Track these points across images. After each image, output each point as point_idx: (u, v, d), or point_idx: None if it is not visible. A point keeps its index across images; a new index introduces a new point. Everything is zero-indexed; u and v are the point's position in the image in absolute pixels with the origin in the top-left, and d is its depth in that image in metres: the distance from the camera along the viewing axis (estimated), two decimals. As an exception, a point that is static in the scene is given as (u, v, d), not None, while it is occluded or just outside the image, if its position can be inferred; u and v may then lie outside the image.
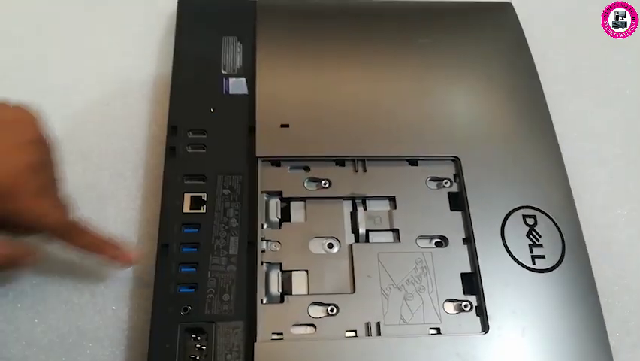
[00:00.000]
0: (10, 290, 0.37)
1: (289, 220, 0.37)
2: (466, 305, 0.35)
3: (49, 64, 0.47)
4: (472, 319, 0.35)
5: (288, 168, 0.39)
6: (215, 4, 0.47)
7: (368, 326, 0.34)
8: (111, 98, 0.45)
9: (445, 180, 0.39)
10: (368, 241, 0.37)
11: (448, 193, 0.39)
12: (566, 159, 0.41)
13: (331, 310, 0.34)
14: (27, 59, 0.47)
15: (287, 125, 0.39)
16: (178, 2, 0.46)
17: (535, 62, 0.45)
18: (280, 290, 0.35)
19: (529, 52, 0.45)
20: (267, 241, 0.36)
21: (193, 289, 0.34)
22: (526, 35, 0.46)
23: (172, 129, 0.40)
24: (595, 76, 0.51)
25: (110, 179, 0.42)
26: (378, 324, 0.34)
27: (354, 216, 0.38)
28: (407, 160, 0.39)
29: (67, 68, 0.47)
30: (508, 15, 0.48)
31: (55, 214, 0.32)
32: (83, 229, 0.34)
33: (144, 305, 0.37)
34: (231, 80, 0.42)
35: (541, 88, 0.44)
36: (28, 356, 0.36)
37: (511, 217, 0.38)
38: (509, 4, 0.49)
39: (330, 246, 0.37)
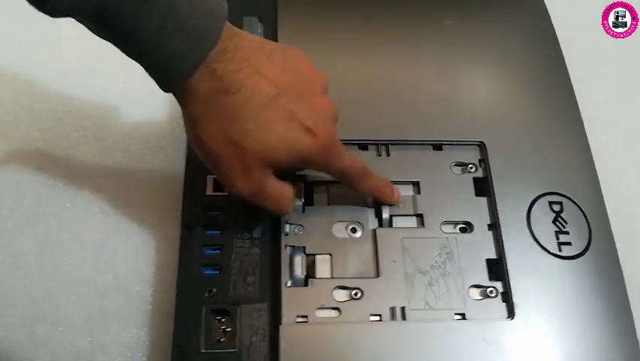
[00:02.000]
0: (35, 271, 0.38)
1: (312, 205, 0.37)
2: (491, 291, 0.35)
3: (69, 45, 0.46)
4: (498, 305, 0.34)
5: (312, 151, 0.38)
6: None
7: (393, 310, 0.34)
8: (130, 78, 0.45)
9: (470, 165, 0.39)
10: (392, 226, 0.37)
11: (473, 178, 0.38)
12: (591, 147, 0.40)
13: (355, 294, 0.34)
14: (49, 41, 0.46)
15: (310, 108, 0.39)
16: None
17: (562, 45, 0.44)
18: (304, 273, 0.35)
19: (556, 35, 0.44)
20: (291, 224, 0.36)
21: (217, 271, 0.34)
22: (552, 18, 0.46)
23: (194, 112, 0.39)
24: (621, 63, 0.50)
25: (128, 161, 0.42)
26: (403, 309, 0.34)
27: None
28: (431, 145, 0.39)
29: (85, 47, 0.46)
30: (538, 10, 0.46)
31: (355, 163, 0.34)
32: (369, 174, 0.35)
33: (168, 286, 0.37)
34: (253, 63, 0.42)
35: (567, 73, 0.43)
36: (53, 336, 0.36)
37: (537, 203, 0.37)
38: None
39: (354, 230, 0.36)
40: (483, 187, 0.38)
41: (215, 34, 0.29)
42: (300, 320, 0.33)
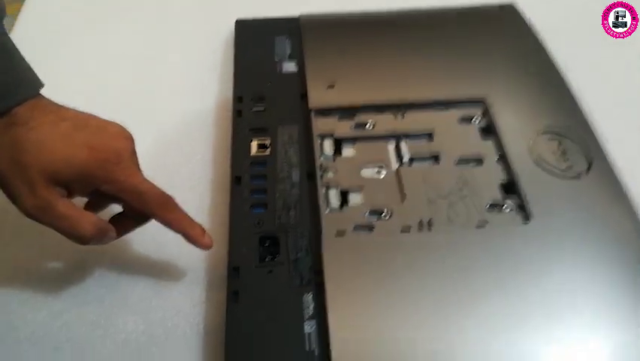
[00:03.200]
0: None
1: (340, 155, 0.43)
2: (506, 207, 0.39)
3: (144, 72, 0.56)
4: (514, 216, 0.38)
5: (337, 117, 0.45)
6: (266, 21, 0.56)
7: (420, 223, 0.38)
8: (184, 90, 0.54)
9: (474, 118, 0.45)
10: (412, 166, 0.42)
11: (479, 128, 0.44)
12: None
13: (386, 215, 0.39)
14: (130, 71, 0.56)
15: (333, 86, 0.47)
16: (235, 24, 0.56)
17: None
18: (339, 202, 0.40)
19: (535, 34, 0.52)
20: (325, 169, 0.42)
21: (264, 209, 0.40)
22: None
23: (238, 99, 0.47)
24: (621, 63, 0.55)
25: (177, 152, 0.49)
26: (429, 222, 0.38)
27: (398, 148, 0.43)
28: (440, 104, 0.45)
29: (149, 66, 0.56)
30: (513, 14, 0.55)
31: (152, 186, 0.35)
32: (175, 204, 0.36)
33: (219, 240, 0.41)
34: (284, 63, 0.51)
35: (547, 54, 0.50)
36: (123, 284, 0.40)
37: (537, 139, 0.43)
38: (511, 6, 0.57)
39: (379, 172, 0.42)
40: (488, 132, 0.44)
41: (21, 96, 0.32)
42: (339, 235, 0.37)
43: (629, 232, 0.37)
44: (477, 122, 0.45)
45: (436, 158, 0.43)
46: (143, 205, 0.35)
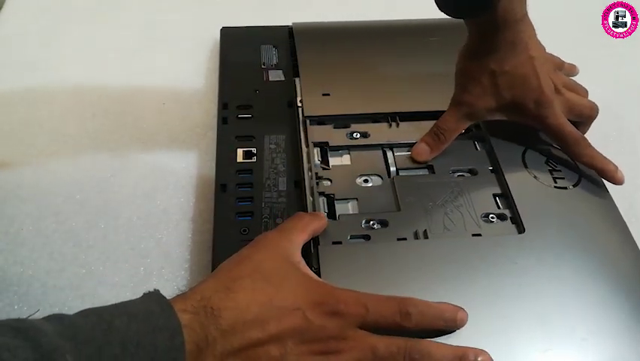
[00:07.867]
0: (83, 242, 0.41)
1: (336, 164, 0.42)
2: (501, 216, 0.38)
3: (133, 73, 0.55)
4: (509, 226, 0.38)
5: (332, 126, 0.44)
6: (251, 29, 0.56)
7: (416, 233, 0.37)
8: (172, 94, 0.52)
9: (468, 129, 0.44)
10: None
11: (473, 138, 0.44)
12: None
13: (382, 223, 0.38)
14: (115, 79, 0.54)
15: (328, 94, 0.46)
16: (220, 31, 0.55)
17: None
18: (326, 211, 0.39)
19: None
20: (319, 178, 0.40)
21: (250, 217, 0.38)
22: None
23: (223, 106, 0.46)
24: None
25: (167, 158, 0.47)
26: (425, 231, 0.37)
27: (393, 157, 0.42)
28: (432, 115, 0.45)
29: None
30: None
31: (571, 128, 0.41)
32: (588, 143, 0.41)
33: (204, 248, 0.40)
34: (270, 71, 0.50)
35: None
36: (101, 293, 0.38)
37: (528, 151, 0.43)
38: None
39: (375, 181, 0.41)
40: (482, 143, 0.44)
41: None
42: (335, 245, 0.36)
43: (619, 242, 0.37)
44: (470, 132, 0.44)
45: (430, 167, 0.42)
46: (561, 141, 0.41)
